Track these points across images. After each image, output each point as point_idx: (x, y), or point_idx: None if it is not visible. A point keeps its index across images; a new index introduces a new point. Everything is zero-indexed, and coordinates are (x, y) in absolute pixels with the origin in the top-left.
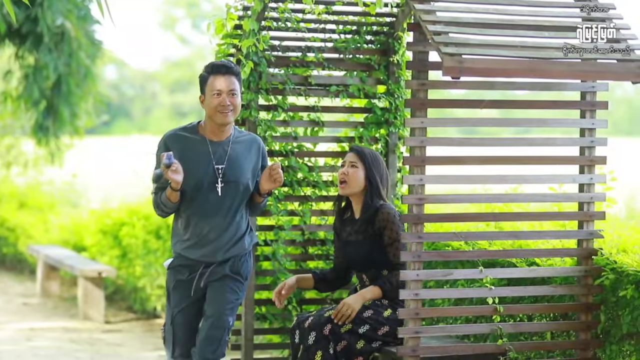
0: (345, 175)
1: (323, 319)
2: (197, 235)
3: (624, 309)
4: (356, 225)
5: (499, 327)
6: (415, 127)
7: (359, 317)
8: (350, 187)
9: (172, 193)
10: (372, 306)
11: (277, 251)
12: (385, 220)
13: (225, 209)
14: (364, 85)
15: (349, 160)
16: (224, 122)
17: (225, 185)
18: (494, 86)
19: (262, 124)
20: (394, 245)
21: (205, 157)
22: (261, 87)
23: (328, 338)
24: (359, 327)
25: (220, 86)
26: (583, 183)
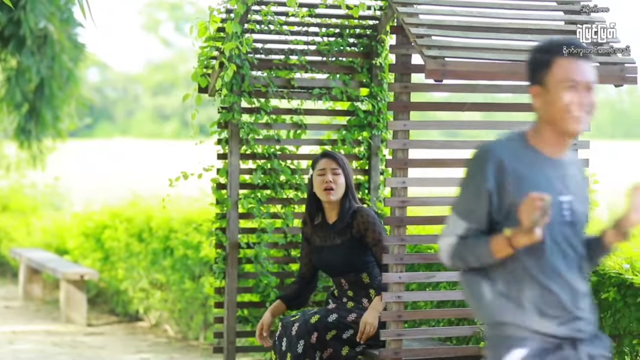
0: (332, 182)
1: (310, 326)
2: None
3: (606, 311)
4: (332, 230)
5: (481, 329)
6: (397, 130)
7: (343, 322)
8: (337, 194)
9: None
10: (355, 309)
11: (260, 254)
12: (365, 222)
13: None
14: (346, 88)
15: (330, 167)
16: (576, 130)
17: None
18: (477, 89)
19: (244, 127)
20: (379, 245)
21: (548, 184)
22: (244, 90)
23: (315, 346)
24: (343, 332)
25: (580, 76)
26: None
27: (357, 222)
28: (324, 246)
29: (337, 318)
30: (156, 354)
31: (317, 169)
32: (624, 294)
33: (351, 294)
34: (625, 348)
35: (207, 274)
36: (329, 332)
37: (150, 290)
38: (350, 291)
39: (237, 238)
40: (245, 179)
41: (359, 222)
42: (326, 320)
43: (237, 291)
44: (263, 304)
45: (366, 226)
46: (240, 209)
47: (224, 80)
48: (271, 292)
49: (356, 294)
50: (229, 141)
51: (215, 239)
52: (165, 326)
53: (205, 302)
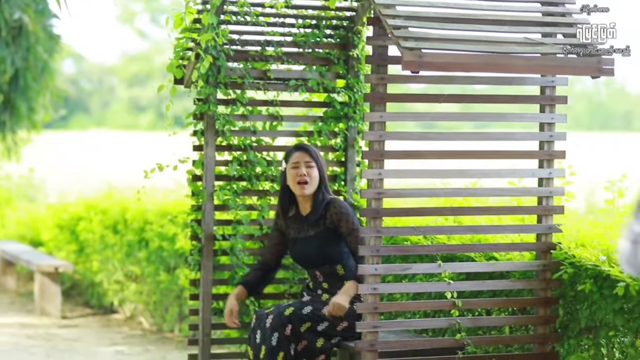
0: (306, 176)
1: (284, 318)
2: None
3: (582, 303)
4: (306, 222)
5: (458, 321)
6: (374, 122)
7: (318, 315)
8: (311, 187)
9: None
10: (330, 300)
11: (235, 246)
12: (339, 213)
13: None
14: (323, 79)
15: (304, 161)
16: None
17: None
18: (454, 80)
19: (220, 118)
20: (353, 234)
21: None
22: (220, 81)
23: (289, 338)
24: (317, 325)
25: None
26: (542, 177)
27: (330, 213)
28: (297, 238)
29: (311, 310)
30: (131, 347)
31: (290, 162)
32: (600, 286)
33: (326, 286)
34: (601, 340)
35: (182, 266)
36: (304, 325)
37: (125, 282)
38: (325, 283)
39: (212, 230)
40: (220, 170)
41: (332, 213)
42: (300, 313)
43: (213, 283)
44: None
45: (339, 217)
46: (215, 200)
47: (199, 72)
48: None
49: (331, 285)
50: (204, 133)
51: (191, 230)
52: (140, 318)
53: (181, 294)
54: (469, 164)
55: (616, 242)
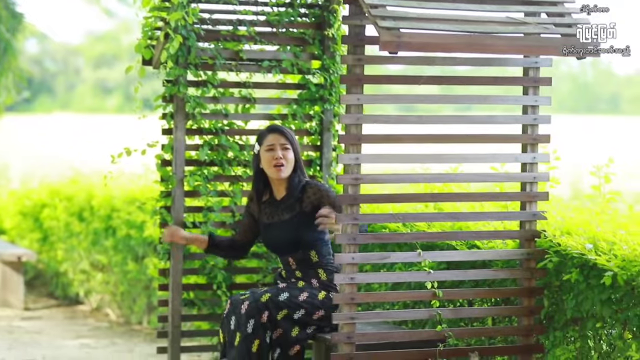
0: (282, 158)
1: (260, 305)
2: None
3: (568, 293)
4: (280, 206)
5: (438, 312)
6: (350, 104)
7: (295, 302)
8: (287, 170)
9: None
10: (307, 288)
11: (206, 233)
12: (317, 192)
13: None
14: (297, 60)
15: (279, 143)
16: None
17: None
18: (434, 62)
19: (190, 101)
20: (334, 202)
21: None
22: (190, 62)
23: (265, 326)
24: (294, 312)
25: None
26: (526, 162)
27: (307, 195)
28: (271, 223)
29: (288, 297)
30: (97, 339)
31: (264, 144)
32: (586, 275)
33: (299, 274)
34: (588, 332)
35: (151, 255)
36: (280, 312)
37: (91, 272)
38: (299, 271)
39: (182, 217)
40: (191, 155)
41: (311, 195)
42: (277, 299)
43: (183, 273)
44: (210, 286)
45: (319, 195)
46: (186, 186)
47: (169, 52)
48: (218, 273)
49: (305, 273)
50: (174, 116)
51: (160, 218)
52: (107, 310)
53: (149, 284)
54: (450, 148)
55: (603, 230)
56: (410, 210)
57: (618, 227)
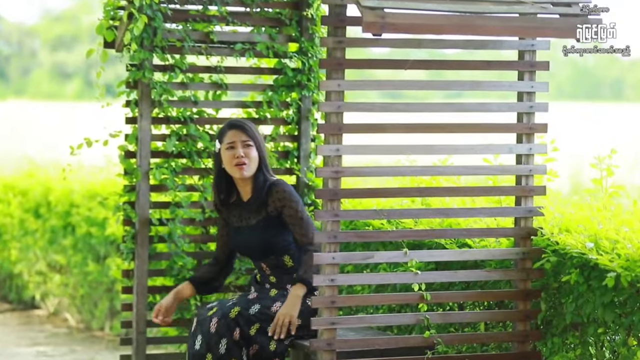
0: (244, 157)
1: (230, 321)
2: None
3: (567, 296)
4: (247, 208)
5: (426, 317)
6: (331, 91)
7: (267, 314)
8: (250, 169)
9: None
10: (280, 297)
11: (174, 231)
12: (282, 199)
13: None
14: (273, 42)
15: (240, 140)
16: None
17: None
18: (421, 44)
19: (157, 87)
20: (299, 224)
21: None
22: (156, 45)
23: (239, 343)
24: (268, 325)
25: None
26: (521, 154)
27: (273, 198)
28: (240, 227)
29: (259, 309)
30: (55, 347)
31: (224, 142)
32: (587, 277)
33: (274, 280)
34: (589, 338)
35: (113, 255)
36: (253, 326)
37: (49, 273)
38: (273, 276)
39: (148, 213)
40: (157, 146)
41: (275, 199)
42: (248, 313)
43: (148, 274)
44: None
45: (283, 202)
46: (151, 180)
47: (133, 34)
48: (187, 275)
49: (279, 279)
50: (138, 103)
51: (123, 214)
52: (66, 315)
53: (112, 287)
54: (439, 138)
55: (605, 227)
56: (395, 206)
57: (621, 224)
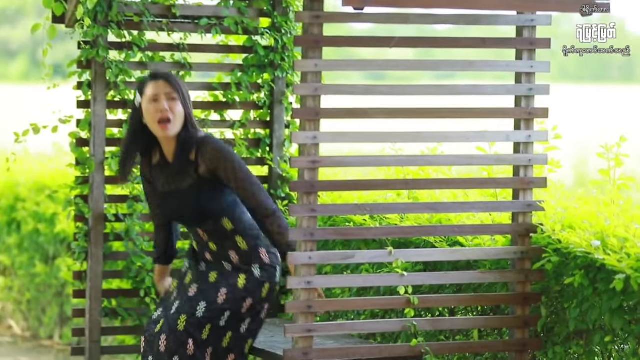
0: (168, 111)
1: (180, 335)
2: None
3: (571, 300)
4: (174, 171)
5: (413, 323)
6: (307, 72)
7: (215, 308)
8: (175, 126)
9: None
10: (222, 281)
11: (132, 228)
12: (213, 158)
13: None
14: (242, 17)
15: (164, 93)
16: None
17: None
18: (408, 20)
19: (112, 67)
20: (242, 186)
21: None
22: (111, 20)
23: (195, 356)
24: (219, 320)
25: None
26: (519, 142)
27: (203, 158)
28: (168, 192)
29: (206, 307)
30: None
31: (146, 94)
32: (593, 279)
33: (214, 248)
34: (595, 347)
35: (64, 255)
36: (204, 330)
37: None
38: (212, 243)
39: (102, 208)
40: (113, 133)
41: (206, 159)
42: (196, 318)
43: (103, 276)
44: (136, 292)
45: (215, 163)
46: (107, 171)
47: (85, 7)
48: (146, 276)
49: (220, 246)
50: (92, 85)
51: (75, 209)
52: (10, 321)
53: (62, 290)
54: (427, 124)
55: (613, 223)
56: (379, 200)
57: (631, 220)
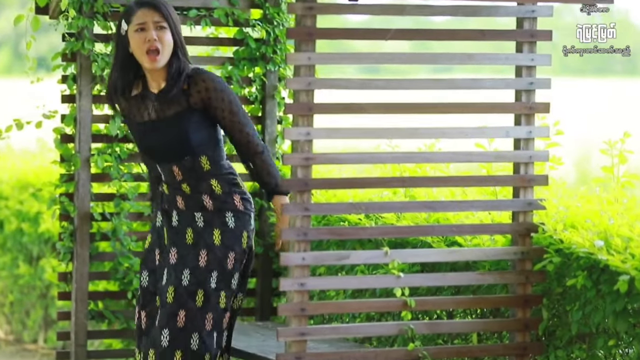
0: (157, 41)
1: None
2: None
3: (573, 302)
4: (160, 100)
5: (410, 327)
6: (300, 65)
7: (199, 271)
8: (164, 57)
9: None
10: (199, 241)
11: (119, 228)
12: (208, 88)
13: None
14: (232, 8)
15: (152, 21)
16: None
17: None
18: (404, 11)
19: (98, 60)
20: (235, 119)
21: None
22: (97, 11)
23: (186, 328)
24: (208, 283)
25: None
26: (519, 138)
27: (197, 88)
28: (148, 122)
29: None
30: None
31: (133, 22)
32: (596, 280)
33: (187, 189)
34: (598, 351)
35: (48, 255)
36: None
37: None
38: (186, 184)
39: (88, 207)
40: (99, 129)
41: (201, 88)
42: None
43: (89, 277)
44: (124, 294)
45: (209, 93)
46: (92, 168)
47: None
48: (134, 278)
49: (194, 188)
50: (77, 79)
51: (60, 208)
52: None
53: (47, 292)
54: (425, 120)
55: (617, 223)
56: (374, 199)
57: (636, 219)
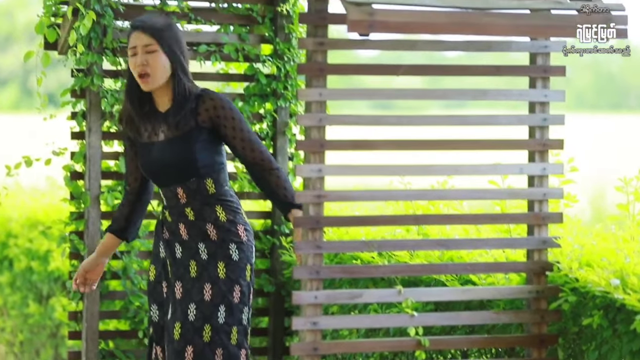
0: (146, 65)
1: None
2: None
3: (589, 342)
4: (167, 120)
5: None
6: (311, 101)
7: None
8: (156, 79)
9: None
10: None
11: (129, 266)
12: (217, 106)
13: None
14: (243, 44)
15: (141, 45)
16: None
17: None
18: (416, 46)
19: (107, 96)
20: (245, 136)
21: None
22: (106, 47)
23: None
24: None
25: None
26: (533, 175)
27: (205, 106)
28: (155, 142)
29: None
30: None
31: (129, 46)
32: (612, 320)
33: (191, 215)
34: None
35: (58, 294)
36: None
37: None
38: (190, 209)
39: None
40: (109, 165)
41: (209, 107)
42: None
43: (100, 316)
44: (134, 333)
45: (218, 112)
46: (102, 206)
47: (79, 33)
48: (145, 317)
49: (197, 214)
50: (86, 115)
51: (70, 246)
52: None
53: (57, 331)
54: (437, 157)
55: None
56: (387, 236)
57: None
